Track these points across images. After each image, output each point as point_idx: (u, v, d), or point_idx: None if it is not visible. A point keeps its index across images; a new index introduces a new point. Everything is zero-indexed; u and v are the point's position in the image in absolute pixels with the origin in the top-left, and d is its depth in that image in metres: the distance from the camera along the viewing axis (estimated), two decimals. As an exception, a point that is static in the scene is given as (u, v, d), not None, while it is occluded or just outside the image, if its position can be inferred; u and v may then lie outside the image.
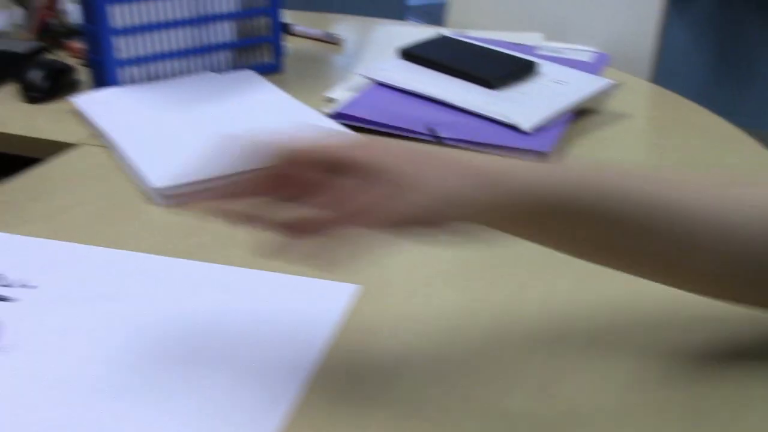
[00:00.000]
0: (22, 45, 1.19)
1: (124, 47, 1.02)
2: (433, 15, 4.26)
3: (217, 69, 1.11)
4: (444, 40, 1.13)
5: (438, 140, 0.91)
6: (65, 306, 0.61)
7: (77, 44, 1.24)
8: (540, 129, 0.91)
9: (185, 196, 0.78)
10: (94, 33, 1.01)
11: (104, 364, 0.55)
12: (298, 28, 1.35)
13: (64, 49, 1.24)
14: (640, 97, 1.11)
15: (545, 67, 1.05)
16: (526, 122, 0.90)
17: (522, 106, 0.94)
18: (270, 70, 1.15)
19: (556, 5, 1.36)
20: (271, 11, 1.14)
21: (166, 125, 0.92)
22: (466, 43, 1.12)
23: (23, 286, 0.64)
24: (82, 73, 1.11)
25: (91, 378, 0.53)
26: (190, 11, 1.06)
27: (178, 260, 0.68)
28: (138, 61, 1.04)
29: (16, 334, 0.57)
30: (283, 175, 0.50)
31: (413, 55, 1.07)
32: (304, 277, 0.65)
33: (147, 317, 0.60)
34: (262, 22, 1.14)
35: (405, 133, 0.92)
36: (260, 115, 0.96)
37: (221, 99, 1.00)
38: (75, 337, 0.58)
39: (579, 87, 1.00)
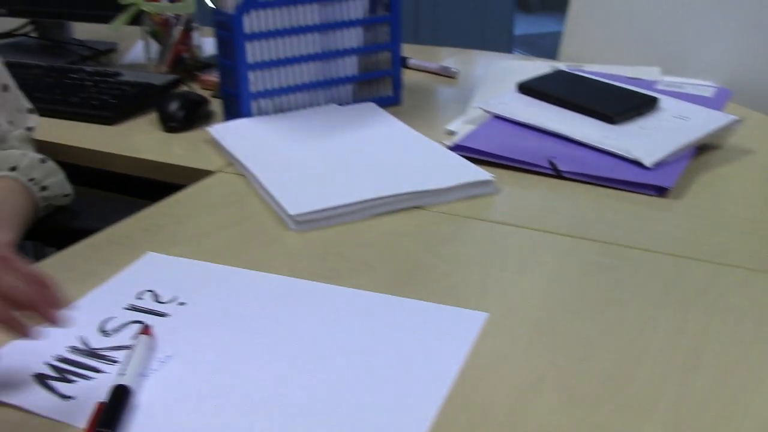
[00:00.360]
0: (159, 78, 1.28)
1: (257, 81, 1.08)
2: (537, 45, 4.27)
3: (341, 101, 1.16)
4: (562, 75, 1.15)
5: (558, 173, 0.93)
6: (213, 322, 0.66)
7: (208, 77, 1.32)
8: (661, 164, 0.91)
9: (318, 222, 0.82)
10: (231, 68, 1.08)
11: (253, 377, 0.59)
12: (414, 61, 1.40)
13: (196, 81, 1.32)
14: (763, 133, 1.09)
15: (666, 102, 1.05)
16: (648, 157, 0.91)
17: (643, 141, 0.95)
18: (389, 102, 1.20)
19: (673, 38, 1.35)
20: (392, 46, 1.19)
21: (296, 154, 0.97)
22: (584, 77, 1.14)
23: (175, 303, 0.69)
24: (214, 104, 1.18)
25: (242, 389, 0.58)
26: (318, 47, 1.11)
27: (315, 283, 0.72)
28: (268, 93, 1.10)
29: (173, 346, 0.62)
30: None
31: (532, 89, 1.09)
32: (433, 304, 0.68)
33: (287, 336, 0.64)
34: (383, 57, 1.19)
35: (526, 166, 0.94)
36: (384, 146, 1.00)
37: (346, 130, 1.05)
38: (225, 351, 0.62)
39: (701, 123, 1.00)
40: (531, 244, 0.79)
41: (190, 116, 1.13)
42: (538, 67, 1.30)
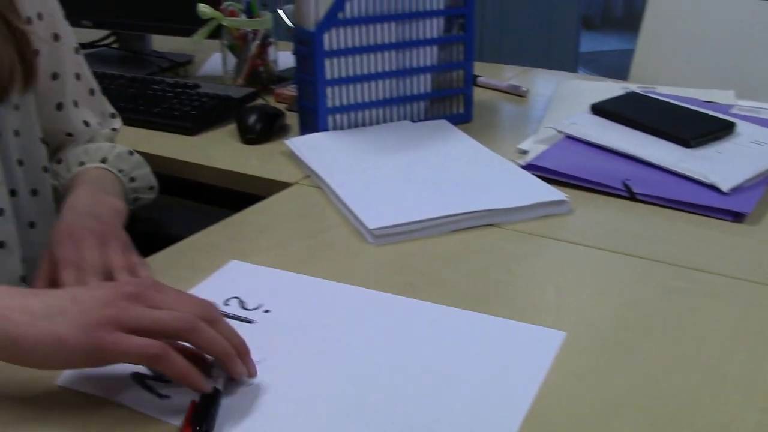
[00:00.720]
0: (237, 90, 1.32)
1: (333, 96, 1.11)
2: (600, 62, 4.24)
3: (413, 117, 1.18)
4: (635, 97, 1.15)
5: (632, 195, 0.93)
6: (298, 330, 0.69)
7: (283, 90, 1.36)
8: (738, 189, 0.91)
9: (395, 236, 0.84)
10: (309, 83, 1.11)
11: (337, 386, 0.61)
12: (484, 79, 1.41)
13: (271, 95, 1.36)
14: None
15: (742, 126, 1.04)
16: (725, 183, 0.91)
17: (720, 165, 0.95)
18: (460, 119, 1.21)
19: (748, 61, 1.34)
20: (466, 65, 1.21)
21: (372, 169, 1.00)
22: (657, 100, 1.14)
23: (261, 310, 0.72)
24: (289, 117, 1.22)
25: (327, 397, 0.60)
26: (394, 65, 1.14)
27: (395, 296, 0.73)
28: (344, 108, 1.13)
29: (261, 352, 0.65)
30: None
31: (605, 110, 1.10)
32: (512, 321, 0.69)
33: (368, 347, 0.66)
34: (456, 75, 1.21)
35: (599, 187, 0.95)
36: (458, 163, 1.02)
37: (419, 146, 1.07)
38: (310, 359, 0.65)
39: (779, 148, 0.99)
40: (605, 265, 0.80)
41: (268, 129, 1.17)
42: (608, 88, 1.30)
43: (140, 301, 0.57)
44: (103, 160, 0.93)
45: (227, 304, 0.72)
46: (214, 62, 1.63)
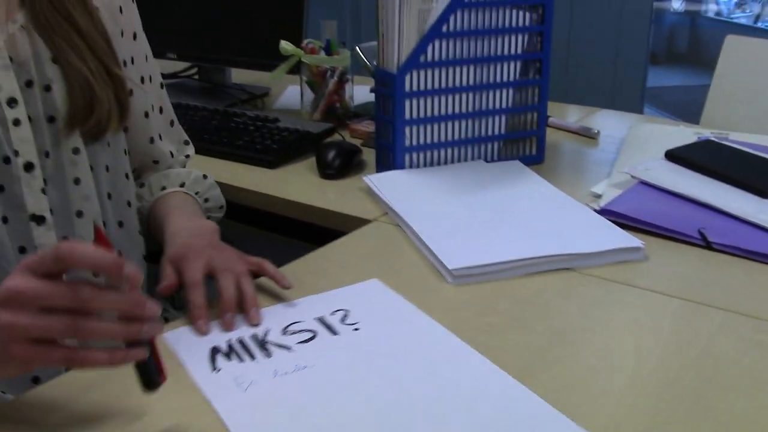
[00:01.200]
0: (315, 126, 1.37)
1: (411, 135, 1.15)
2: (664, 99, 4.21)
3: (487, 157, 1.21)
4: (710, 145, 1.16)
5: (708, 245, 0.94)
6: (368, 351, 0.74)
7: (358, 126, 1.40)
8: (817, 242, 0.91)
9: (474, 277, 0.87)
10: (388, 122, 1.15)
11: (359, 409, 0.66)
12: (555, 120, 1.43)
13: (347, 130, 1.41)
14: None
15: (820, 178, 1.04)
16: (804, 235, 0.91)
17: (798, 217, 0.95)
18: (533, 161, 1.24)
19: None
20: (540, 107, 1.23)
21: (448, 208, 1.03)
22: (733, 148, 1.14)
23: (352, 327, 0.77)
24: (364, 153, 1.26)
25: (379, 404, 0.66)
26: (470, 106, 1.17)
27: (471, 350, 0.73)
28: (421, 147, 1.16)
29: (314, 359, 0.71)
30: None
31: (680, 157, 1.11)
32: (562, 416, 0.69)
33: (406, 387, 0.68)
34: (529, 117, 1.24)
35: (674, 235, 0.96)
36: (533, 205, 1.04)
37: (495, 186, 1.10)
38: (354, 379, 0.69)
39: None
40: (683, 315, 0.81)
41: (346, 165, 1.21)
42: (680, 133, 1.31)
43: (17, 305, 0.58)
44: (182, 185, 1.00)
45: (333, 314, 0.79)
46: (289, 95, 1.69)
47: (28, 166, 0.82)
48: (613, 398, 0.67)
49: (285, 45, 1.45)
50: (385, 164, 1.18)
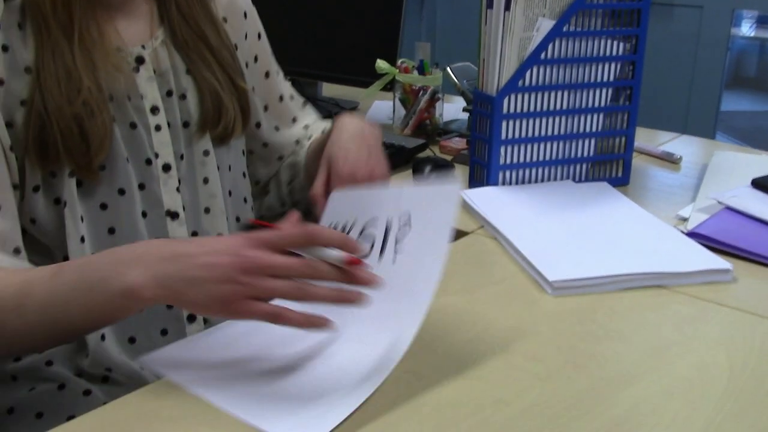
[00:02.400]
0: (410, 141, 1.45)
1: (506, 154, 1.22)
2: (728, 122, 4.19)
3: (575, 178, 1.27)
4: (796, 174, 1.21)
5: (795, 270, 0.99)
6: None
7: (448, 143, 1.47)
8: None
9: (571, 290, 0.93)
10: (484, 141, 1.22)
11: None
12: (638, 144, 1.49)
13: (436, 146, 1.48)
14: None
15: None
16: None
17: None
18: (618, 183, 1.30)
19: None
20: (628, 132, 1.29)
21: (542, 223, 1.09)
22: (819, 178, 1.19)
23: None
24: (456, 170, 1.33)
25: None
26: (563, 129, 1.24)
27: None
28: (514, 166, 1.23)
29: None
30: None
31: (765, 185, 1.16)
32: (688, 377, 0.77)
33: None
34: (618, 141, 1.29)
35: (761, 259, 1.01)
36: (622, 224, 1.10)
37: (585, 205, 1.16)
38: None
39: None
40: (773, 334, 0.86)
41: (440, 179, 1.28)
42: (763, 162, 1.35)
43: (258, 272, 0.67)
44: (323, 130, 1.12)
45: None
46: (376, 109, 1.78)
47: (166, 167, 0.92)
48: (711, 407, 0.73)
49: (381, 63, 1.54)
50: (478, 180, 1.26)
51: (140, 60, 0.91)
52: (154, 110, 0.91)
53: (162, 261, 0.69)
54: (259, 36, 1.08)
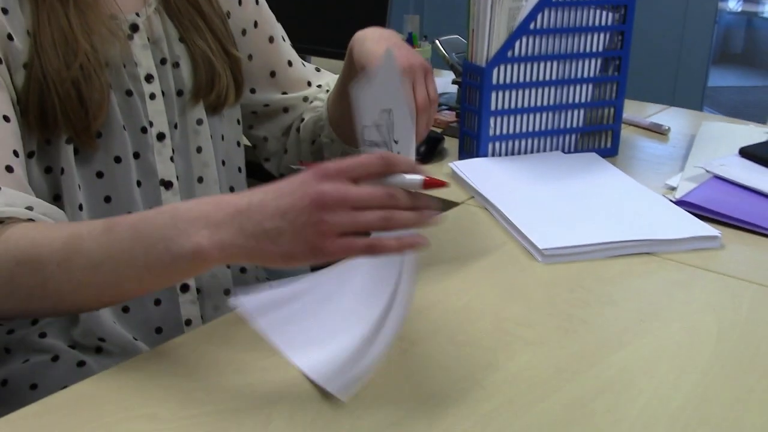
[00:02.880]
0: (399, 114, 1.45)
1: (495, 125, 1.22)
2: (714, 98, 4.20)
3: (564, 149, 1.28)
4: (783, 143, 1.22)
5: (782, 236, 1.00)
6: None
7: (438, 116, 1.47)
8: None
9: (562, 257, 0.94)
10: (474, 112, 1.22)
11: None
12: (627, 116, 1.49)
13: (426, 119, 1.48)
14: None
15: None
16: None
17: None
18: (607, 153, 1.30)
19: None
20: (617, 103, 1.29)
21: (532, 193, 1.10)
22: (805, 147, 1.20)
23: None
24: (446, 142, 1.33)
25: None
26: (552, 99, 1.24)
27: None
28: (504, 137, 1.23)
29: None
30: None
31: (754, 154, 1.17)
32: None
33: None
34: (606, 112, 1.30)
35: (748, 226, 1.02)
36: (612, 193, 1.11)
37: (574, 175, 1.17)
38: None
39: None
40: (761, 298, 0.87)
41: (431, 152, 1.28)
42: (750, 132, 1.36)
43: (338, 207, 0.61)
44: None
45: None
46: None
47: (160, 136, 0.92)
48: (699, 369, 0.74)
49: (370, 37, 1.53)
50: (468, 152, 1.26)
51: (134, 28, 0.90)
52: (149, 78, 0.90)
53: (230, 218, 0.63)
54: (257, 1, 1.07)
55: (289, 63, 1.12)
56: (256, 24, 1.06)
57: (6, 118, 0.78)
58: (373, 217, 0.62)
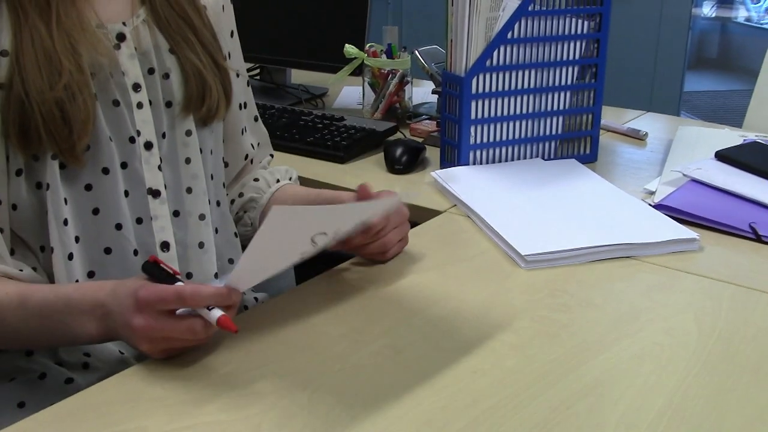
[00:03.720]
0: (380, 124, 1.46)
1: (476, 134, 1.23)
2: (692, 102, 4.25)
3: (544, 156, 1.29)
4: (757, 146, 1.24)
5: (758, 237, 1.02)
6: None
7: (418, 125, 1.49)
8: None
9: (543, 263, 0.95)
10: (454, 121, 1.23)
11: None
12: (604, 122, 1.51)
13: (407, 128, 1.50)
14: None
15: None
16: None
17: (842, 213, 1.02)
18: (586, 159, 1.32)
19: None
20: (594, 109, 1.31)
21: (514, 200, 1.11)
22: (779, 149, 1.22)
23: None
24: (427, 152, 1.35)
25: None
26: (531, 107, 1.26)
27: None
28: (484, 146, 1.25)
29: None
30: None
31: (729, 157, 1.19)
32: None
33: None
34: (585, 118, 1.32)
35: (726, 228, 1.04)
36: (591, 199, 1.13)
37: (554, 182, 1.18)
38: None
39: None
40: (739, 298, 0.89)
41: (412, 161, 1.29)
42: (726, 135, 1.39)
43: (146, 336, 0.75)
44: (290, 178, 1.10)
45: None
46: (345, 95, 1.79)
47: (148, 145, 0.92)
48: (681, 367, 0.75)
49: (349, 48, 1.55)
50: (449, 161, 1.27)
51: (121, 37, 0.90)
52: (136, 87, 0.91)
53: (106, 318, 0.79)
54: (232, 34, 1.07)
55: (240, 105, 1.09)
56: (229, 55, 1.05)
57: None
58: (166, 346, 0.76)
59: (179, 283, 0.76)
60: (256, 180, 1.09)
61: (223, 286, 0.75)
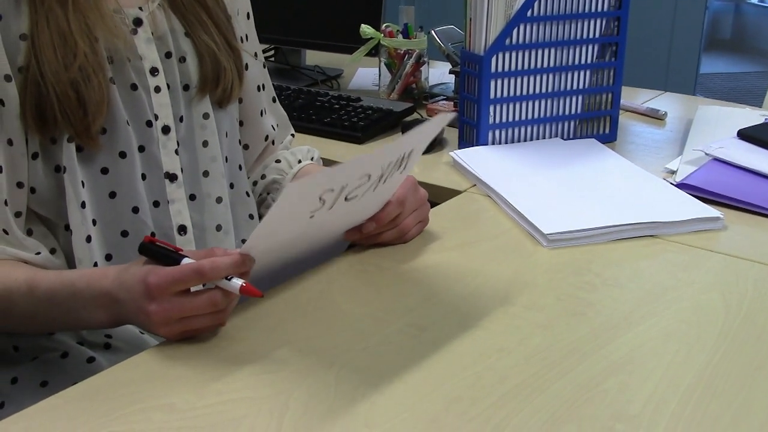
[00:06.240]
0: (397, 105, 1.45)
1: (495, 114, 1.22)
2: (710, 86, 4.21)
3: (563, 135, 1.28)
4: (781, 124, 1.22)
5: (783, 216, 1.01)
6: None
7: (434, 106, 1.48)
8: None
9: (566, 242, 0.94)
10: (473, 101, 1.22)
11: None
12: (624, 102, 1.50)
13: (423, 109, 1.49)
14: None
15: None
16: None
17: None
18: (606, 139, 1.31)
19: None
20: (614, 89, 1.30)
21: (534, 180, 1.10)
22: (802, 128, 1.20)
23: None
24: (445, 132, 1.34)
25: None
26: (550, 86, 1.24)
27: None
28: (503, 125, 1.24)
29: None
30: None
31: (752, 136, 1.17)
32: None
33: None
34: (604, 97, 1.30)
35: (749, 207, 1.03)
36: (613, 178, 1.11)
37: (575, 161, 1.17)
38: None
39: None
40: (765, 277, 0.88)
41: (432, 142, 1.28)
42: (746, 114, 1.37)
43: (164, 319, 0.74)
44: (312, 158, 1.09)
45: None
46: (360, 76, 1.78)
47: (165, 129, 0.91)
48: (709, 345, 0.75)
49: (365, 28, 1.53)
50: (468, 141, 1.26)
51: (138, 22, 0.90)
52: (154, 71, 0.90)
53: (116, 305, 0.77)
54: (248, 16, 1.06)
55: (258, 87, 1.08)
56: (246, 37, 1.05)
57: None
58: (184, 327, 0.75)
59: (186, 260, 0.75)
60: (278, 161, 1.08)
61: (237, 253, 0.74)
